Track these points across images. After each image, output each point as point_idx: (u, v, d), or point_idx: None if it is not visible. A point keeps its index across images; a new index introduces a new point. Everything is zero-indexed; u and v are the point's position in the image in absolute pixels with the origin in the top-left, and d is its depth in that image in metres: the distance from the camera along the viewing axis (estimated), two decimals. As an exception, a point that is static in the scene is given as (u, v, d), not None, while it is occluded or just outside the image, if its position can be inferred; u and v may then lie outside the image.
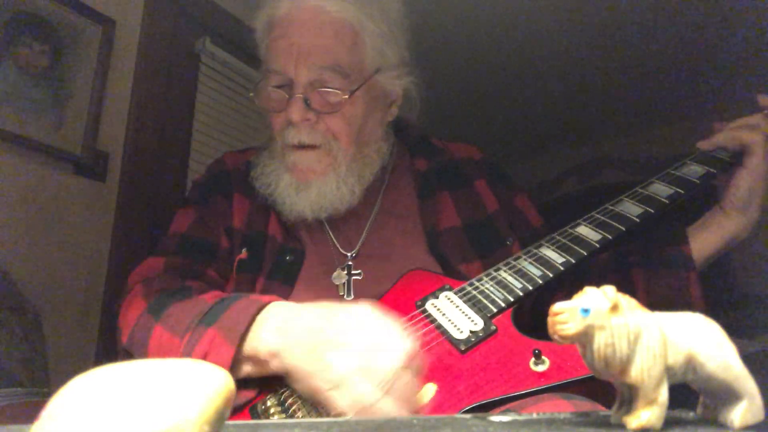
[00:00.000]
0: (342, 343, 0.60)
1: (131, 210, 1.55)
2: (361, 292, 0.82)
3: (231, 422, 0.32)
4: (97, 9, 1.50)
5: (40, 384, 1.08)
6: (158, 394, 0.24)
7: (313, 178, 0.83)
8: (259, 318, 0.66)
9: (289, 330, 0.64)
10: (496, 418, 0.36)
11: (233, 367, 0.66)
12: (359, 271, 0.84)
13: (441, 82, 2.48)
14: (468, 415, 0.39)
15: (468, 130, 2.79)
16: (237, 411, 0.67)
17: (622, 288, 0.31)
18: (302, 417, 0.63)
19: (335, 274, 0.84)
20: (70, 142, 1.41)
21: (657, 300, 0.83)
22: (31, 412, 0.25)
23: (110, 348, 1.42)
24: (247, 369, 0.67)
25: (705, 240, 0.85)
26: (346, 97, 0.81)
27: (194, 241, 0.88)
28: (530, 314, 0.84)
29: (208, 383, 0.25)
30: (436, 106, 0.98)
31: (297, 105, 0.80)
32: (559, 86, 2.59)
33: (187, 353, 0.66)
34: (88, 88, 1.47)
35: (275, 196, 0.85)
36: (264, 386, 0.68)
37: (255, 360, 0.66)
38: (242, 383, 0.68)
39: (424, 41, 0.93)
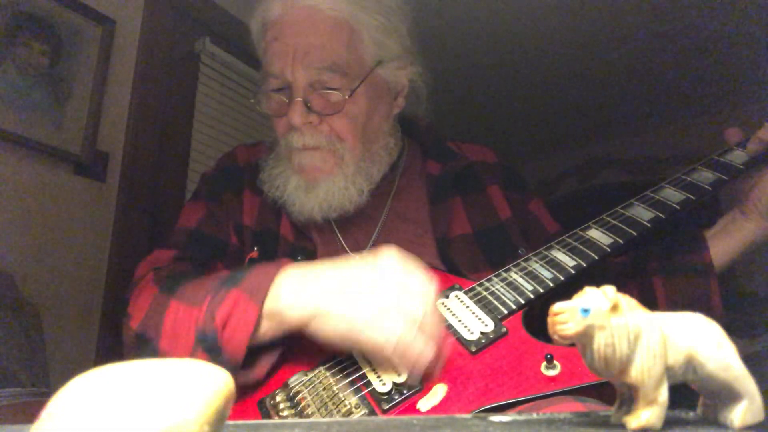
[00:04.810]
0: (372, 286, 0.62)
1: (131, 210, 1.55)
2: None
3: (231, 422, 0.32)
4: (97, 9, 1.50)
5: (40, 384, 1.08)
6: (158, 394, 0.24)
7: (321, 177, 0.82)
8: (280, 277, 0.67)
9: (314, 282, 0.65)
10: (496, 418, 0.36)
11: (256, 327, 0.65)
12: None
13: (440, 82, 2.47)
14: (468, 415, 0.39)
15: (468, 130, 2.79)
16: (244, 404, 0.66)
17: (642, 295, 0.31)
18: (312, 412, 0.62)
19: None
20: (70, 142, 1.41)
21: (677, 308, 0.82)
22: (31, 412, 0.25)
23: (110, 348, 1.42)
24: (267, 327, 0.66)
25: (725, 246, 0.83)
26: (347, 96, 0.80)
27: (203, 237, 0.87)
28: (539, 318, 0.83)
29: (207, 383, 0.25)
30: (435, 107, 0.96)
31: (297, 109, 0.79)
32: (559, 86, 2.59)
33: (210, 315, 0.65)
34: (88, 88, 1.47)
35: (285, 199, 0.84)
36: (273, 380, 0.68)
37: (277, 316, 0.65)
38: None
39: (422, 42, 0.91)
